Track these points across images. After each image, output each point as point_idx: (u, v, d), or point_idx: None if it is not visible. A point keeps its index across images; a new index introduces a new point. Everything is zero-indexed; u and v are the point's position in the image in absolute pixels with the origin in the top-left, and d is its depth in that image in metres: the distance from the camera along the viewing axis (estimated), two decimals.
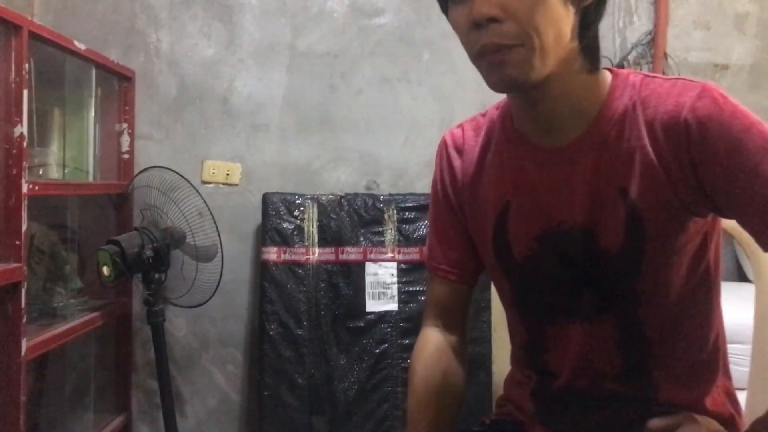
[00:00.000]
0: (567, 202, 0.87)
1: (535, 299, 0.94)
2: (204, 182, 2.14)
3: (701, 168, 0.79)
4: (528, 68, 0.79)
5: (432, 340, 1.03)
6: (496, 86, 0.83)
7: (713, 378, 0.91)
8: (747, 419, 0.95)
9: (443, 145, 1.03)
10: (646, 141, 0.82)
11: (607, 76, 0.88)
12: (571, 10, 0.80)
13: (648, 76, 0.87)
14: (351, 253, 2.04)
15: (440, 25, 2.15)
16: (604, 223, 0.85)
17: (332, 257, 2.04)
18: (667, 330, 0.88)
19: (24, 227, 1.46)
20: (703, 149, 0.78)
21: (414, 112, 2.18)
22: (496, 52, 0.78)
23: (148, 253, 1.78)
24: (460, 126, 1.03)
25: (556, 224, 0.88)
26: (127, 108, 2.11)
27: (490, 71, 0.81)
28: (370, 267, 2.04)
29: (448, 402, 0.98)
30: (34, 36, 1.53)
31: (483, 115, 1.00)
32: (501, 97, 0.96)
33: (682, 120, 0.79)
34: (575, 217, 0.86)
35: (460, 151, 1.00)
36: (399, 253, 2.05)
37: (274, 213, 2.05)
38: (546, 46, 0.78)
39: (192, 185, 1.94)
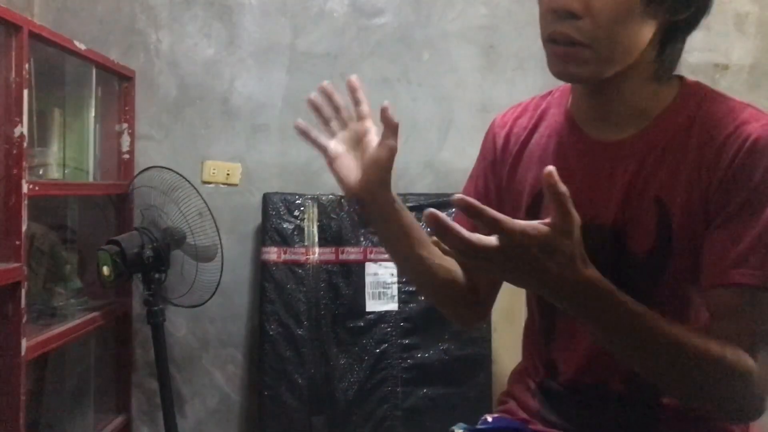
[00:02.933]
0: (603, 198, 0.87)
1: None
2: (204, 182, 2.14)
3: (726, 186, 0.79)
4: (590, 70, 0.80)
5: None
6: (556, 75, 0.84)
7: None
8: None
9: (491, 127, 1.04)
10: (698, 155, 0.81)
11: (676, 84, 0.88)
12: (654, 23, 0.80)
13: (718, 92, 0.87)
14: (351, 253, 2.04)
15: (440, 25, 2.15)
16: (634, 226, 0.85)
17: (332, 257, 2.04)
18: None
19: (24, 227, 1.46)
20: (739, 172, 0.78)
21: (414, 112, 2.18)
22: (565, 45, 0.79)
23: (148, 253, 1.78)
24: (515, 107, 1.03)
25: (588, 218, 0.86)
26: (127, 108, 2.10)
27: (554, 61, 0.82)
28: (370, 267, 2.04)
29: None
30: (34, 36, 1.53)
31: (543, 96, 1.00)
32: (501, 98, 0.96)
33: (740, 142, 0.79)
34: (608, 215, 0.86)
35: (506, 133, 1.00)
36: None
37: (274, 213, 2.05)
38: (614, 53, 0.79)
39: (192, 185, 1.94)
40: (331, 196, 2.08)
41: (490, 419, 1.05)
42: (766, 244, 0.77)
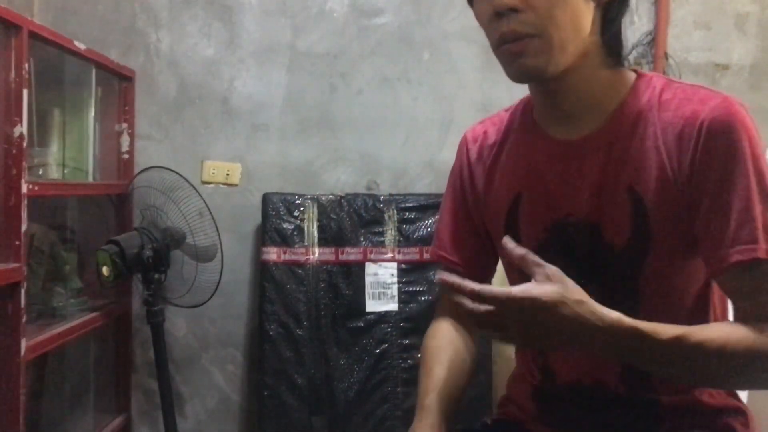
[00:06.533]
0: (575, 195, 0.88)
1: None
2: (204, 182, 2.14)
3: (698, 173, 0.81)
4: (545, 59, 0.82)
5: (443, 325, 1.07)
6: (514, 76, 0.86)
7: None
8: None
9: (463, 140, 1.07)
10: (661, 142, 0.83)
11: (631, 76, 0.90)
12: (591, 4, 0.83)
13: (671, 80, 0.89)
14: (351, 253, 2.04)
15: (440, 25, 2.15)
16: (610, 219, 0.86)
17: (332, 257, 2.04)
18: None
19: (24, 227, 1.46)
20: (705, 157, 0.80)
21: (414, 112, 2.18)
22: (514, 41, 0.81)
23: (148, 253, 1.78)
24: (483, 122, 1.06)
25: (563, 216, 0.90)
26: (127, 108, 2.10)
27: (509, 61, 0.84)
28: (370, 267, 2.04)
29: (457, 372, 1.01)
30: (34, 36, 1.53)
31: (507, 109, 1.03)
32: (501, 98, 0.98)
33: (697, 126, 0.81)
34: (582, 210, 0.88)
35: (479, 146, 1.03)
36: (399, 253, 2.05)
37: (274, 213, 2.04)
38: (563, 39, 0.81)
39: (192, 185, 1.94)
40: (330, 196, 2.08)
41: (489, 422, 1.05)
42: (752, 217, 0.78)
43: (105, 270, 1.71)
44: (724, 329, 0.78)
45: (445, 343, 1.04)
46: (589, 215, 0.87)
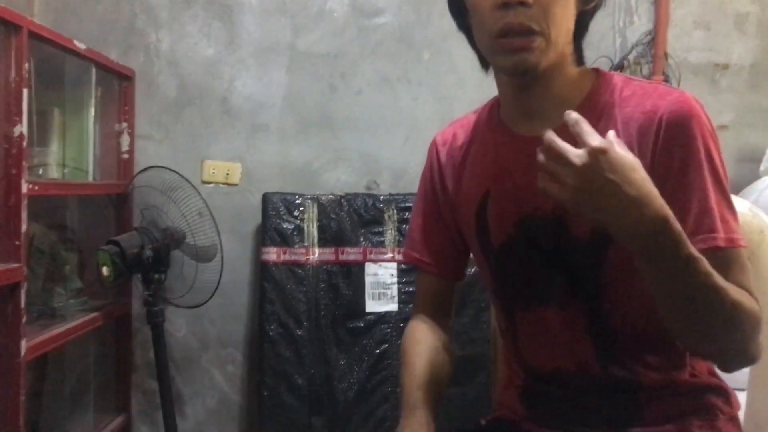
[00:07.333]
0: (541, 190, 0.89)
1: (510, 284, 0.98)
2: (204, 182, 2.14)
3: (658, 165, 0.84)
4: (544, 57, 0.85)
5: (421, 323, 1.09)
6: (511, 68, 0.88)
7: (684, 360, 0.93)
8: (747, 419, 0.96)
9: (433, 144, 1.11)
10: (622, 136, 0.86)
11: (592, 74, 0.94)
12: (574, 11, 0.88)
13: (630, 78, 0.93)
14: (351, 254, 2.04)
15: (440, 25, 2.15)
16: None
17: (332, 257, 2.04)
18: (634, 319, 0.91)
19: (24, 227, 1.46)
20: (665, 150, 0.84)
21: (414, 112, 2.18)
22: (520, 35, 0.84)
23: (148, 253, 1.78)
24: (452, 124, 1.10)
25: (531, 210, 0.93)
26: (127, 108, 2.10)
27: (511, 53, 0.86)
28: (370, 267, 2.04)
29: (438, 369, 1.03)
30: (34, 36, 1.53)
31: (475, 111, 1.07)
32: None
33: (656, 119, 0.85)
34: (547, 205, 0.90)
35: (448, 148, 1.07)
36: (399, 253, 2.05)
37: (274, 213, 2.04)
38: (558, 38, 0.85)
39: (192, 185, 1.94)
40: (330, 196, 2.08)
41: (483, 422, 1.07)
42: (709, 207, 0.82)
43: (105, 270, 1.71)
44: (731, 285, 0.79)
45: (424, 342, 1.06)
46: (555, 209, 0.90)
